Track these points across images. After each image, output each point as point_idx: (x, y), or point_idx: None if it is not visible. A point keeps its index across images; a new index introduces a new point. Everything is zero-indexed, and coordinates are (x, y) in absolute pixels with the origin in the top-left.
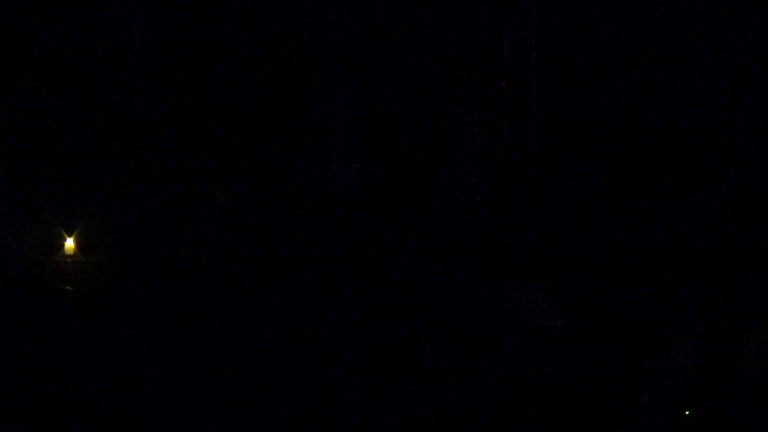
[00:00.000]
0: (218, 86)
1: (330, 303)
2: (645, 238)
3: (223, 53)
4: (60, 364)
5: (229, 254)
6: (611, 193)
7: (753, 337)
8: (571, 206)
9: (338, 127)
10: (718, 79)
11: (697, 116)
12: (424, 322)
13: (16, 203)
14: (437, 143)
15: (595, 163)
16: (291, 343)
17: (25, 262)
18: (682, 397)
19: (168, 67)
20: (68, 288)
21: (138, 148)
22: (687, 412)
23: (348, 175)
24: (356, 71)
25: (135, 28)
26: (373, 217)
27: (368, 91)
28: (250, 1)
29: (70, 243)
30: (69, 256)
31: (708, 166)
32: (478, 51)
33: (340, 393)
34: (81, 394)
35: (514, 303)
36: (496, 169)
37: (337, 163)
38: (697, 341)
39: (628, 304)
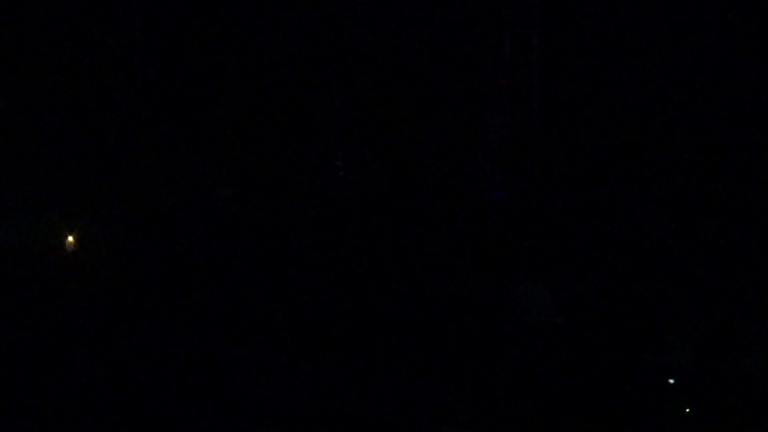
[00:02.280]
0: (220, 84)
1: (332, 300)
2: (646, 234)
3: (225, 51)
4: (60, 361)
5: (231, 251)
6: (613, 189)
7: (754, 333)
8: (573, 203)
9: (342, 124)
10: (722, 76)
11: (700, 113)
12: (424, 320)
13: (16, 199)
14: (450, 141)
15: (597, 160)
16: (293, 342)
17: (25, 258)
18: (683, 394)
19: (169, 65)
20: (69, 285)
21: (140, 145)
22: (687, 410)
23: (352, 173)
24: (356, 69)
25: (137, 27)
26: (376, 215)
27: (369, 87)
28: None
29: (71, 239)
30: (70, 252)
31: (711, 163)
32: (479, 48)
33: (341, 392)
34: (82, 393)
35: (515, 300)
36: (519, 166)
37: (342, 161)
38: (698, 337)
39: (629, 300)
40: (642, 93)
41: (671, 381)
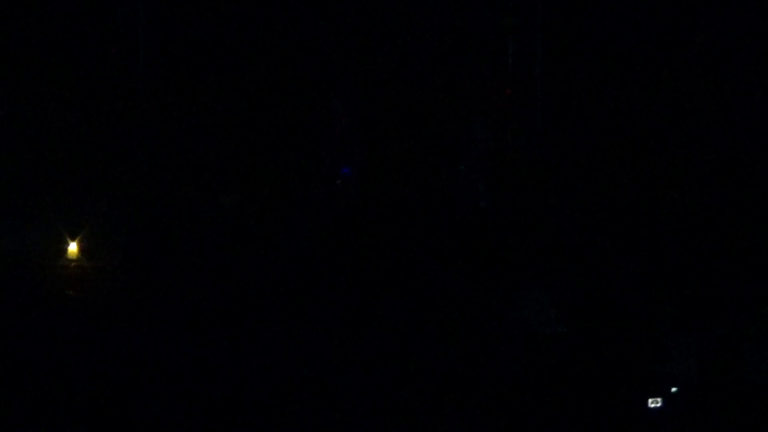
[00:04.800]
0: (219, 91)
1: (331, 306)
2: (648, 241)
3: (223, 58)
4: (62, 368)
5: (232, 258)
6: (615, 197)
7: (756, 340)
8: (575, 210)
9: (338, 130)
10: (722, 80)
11: (700, 119)
12: (425, 327)
13: (19, 207)
14: (442, 147)
15: (599, 167)
16: (293, 346)
17: (28, 266)
18: (686, 402)
19: (171, 72)
20: (71, 292)
21: (141, 152)
22: (689, 417)
23: (347, 178)
24: (357, 74)
25: (139, 33)
26: (374, 221)
27: (369, 94)
28: (250, 5)
29: (73, 247)
30: (72, 260)
31: (711, 167)
32: (482, 56)
33: (340, 397)
34: (83, 399)
35: (517, 309)
36: (503, 174)
37: (336, 166)
38: (701, 346)
39: (631, 309)
40: (644, 99)
41: (674, 390)
